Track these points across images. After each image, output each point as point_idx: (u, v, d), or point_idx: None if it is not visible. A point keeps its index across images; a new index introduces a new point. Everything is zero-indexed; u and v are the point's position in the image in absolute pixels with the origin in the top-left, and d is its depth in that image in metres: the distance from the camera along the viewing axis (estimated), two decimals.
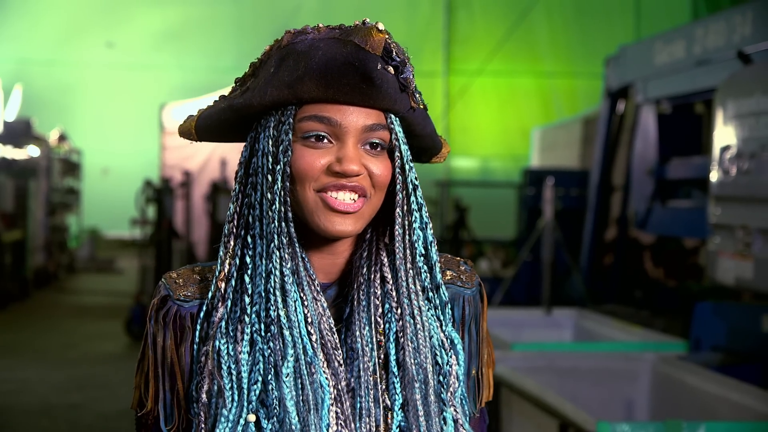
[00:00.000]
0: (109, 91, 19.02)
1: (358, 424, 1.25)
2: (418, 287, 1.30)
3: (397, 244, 1.30)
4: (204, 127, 1.35)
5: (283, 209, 1.26)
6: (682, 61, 5.85)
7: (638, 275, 7.82)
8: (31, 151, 13.62)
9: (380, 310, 1.29)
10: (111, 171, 19.03)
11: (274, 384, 1.23)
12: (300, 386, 1.23)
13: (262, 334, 1.25)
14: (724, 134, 4.20)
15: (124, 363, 8.32)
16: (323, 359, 1.25)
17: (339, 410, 1.25)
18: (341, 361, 1.27)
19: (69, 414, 6.57)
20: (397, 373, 1.27)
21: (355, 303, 1.29)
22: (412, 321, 1.28)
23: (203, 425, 1.26)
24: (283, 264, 1.26)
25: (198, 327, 1.30)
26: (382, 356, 1.28)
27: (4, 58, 18.42)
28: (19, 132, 13.59)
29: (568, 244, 7.46)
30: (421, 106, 1.32)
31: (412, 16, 18.64)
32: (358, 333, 1.27)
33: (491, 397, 1.44)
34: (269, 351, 1.24)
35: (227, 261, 1.30)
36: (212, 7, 19.02)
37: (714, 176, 4.27)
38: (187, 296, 1.33)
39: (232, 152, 11.44)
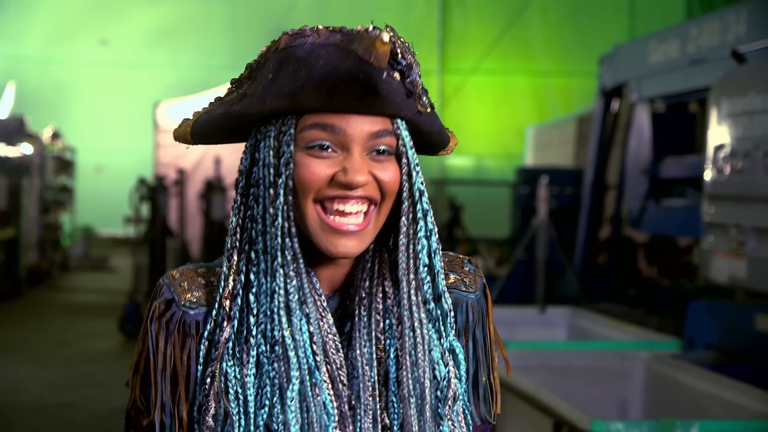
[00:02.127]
0: (103, 88, 18.99)
1: None
2: (420, 299, 1.26)
3: (401, 255, 1.25)
4: (201, 133, 1.31)
5: (286, 225, 1.21)
6: (676, 60, 5.86)
7: (632, 274, 7.83)
8: (25, 148, 13.59)
9: (381, 325, 1.26)
10: (105, 169, 19.00)
11: (279, 408, 1.19)
12: (305, 409, 1.20)
13: (268, 355, 1.21)
14: (718, 133, 4.21)
15: (118, 361, 8.30)
16: (328, 380, 1.22)
17: None
18: (345, 381, 1.23)
19: (62, 412, 6.56)
20: (396, 392, 1.24)
21: (357, 318, 1.25)
22: (411, 334, 1.24)
23: None
24: (288, 281, 1.21)
25: (203, 344, 1.25)
26: (382, 373, 1.25)
27: None
28: (13, 129, 13.55)
29: (563, 242, 7.47)
30: (429, 110, 1.27)
31: (407, 14, 18.64)
32: (358, 351, 1.24)
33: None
34: (274, 373, 1.20)
35: (231, 277, 1.25)
36: (206, 5, 19.00)
37: (708, 175, 4.28)
38: (192, 302, 1.27)
39: (226, 151, 11.43)
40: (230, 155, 11.45)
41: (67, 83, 18.95)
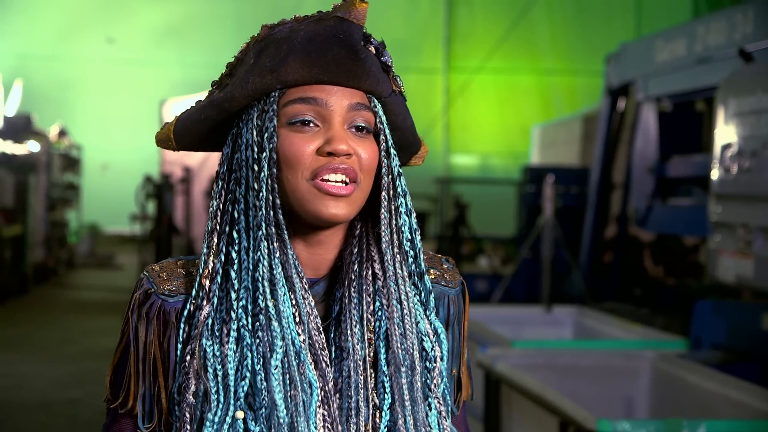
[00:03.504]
0: (110, 86, 19.03)
1: (346, 426, 1.23)
2: (405, 273, 1.27)
3: (383, 228, 1.27)
4: (184, 131, 1.31)
5: (270, 197, 1.22)
6: (683, 59, 5.84)
7: (638, 273, 7.82)
8: (31, 146, 13.61)
9: (371, 307, 1.26)
10: (111, 166, 19.04)
11: (262, 375, 1.19)
12: (288, 381, 1.20)
13: (249, 327, 1.21)
14: (725, 132, 4.20)
15: None
16: (311, 360, 1.22)
17: (326, 413, 1.22)
18: (328, 362, 1.24)
19: (68, 409, 6.57)
20: (386, 372, 1.25)
21: (346, 300, 1.26)
22: (399, 306, 1.25)
23: (188, 426, 1.22)
24: (272, 254, 1.22)
25: (182, 326, 1.25)
26: (371, 354, 1.25)
27: (5, 53, 18.41)
28: (19, 127, 13.58)
29: (568, 241, 7.46)
30: (403, 90, 1.31)
31: (413, 13, 18.64)
32: (349, 331, 1.24)
33: (471, 396, 1.42)
34: (258, 341, 1.20)
35: (211, 258, 1.26)
36: (213, 3, 19.03)
37: (715, 174, 4.27)
38: (171, 291, 1.28)
39: None
40: None
41: (73, 81, 18.99)
